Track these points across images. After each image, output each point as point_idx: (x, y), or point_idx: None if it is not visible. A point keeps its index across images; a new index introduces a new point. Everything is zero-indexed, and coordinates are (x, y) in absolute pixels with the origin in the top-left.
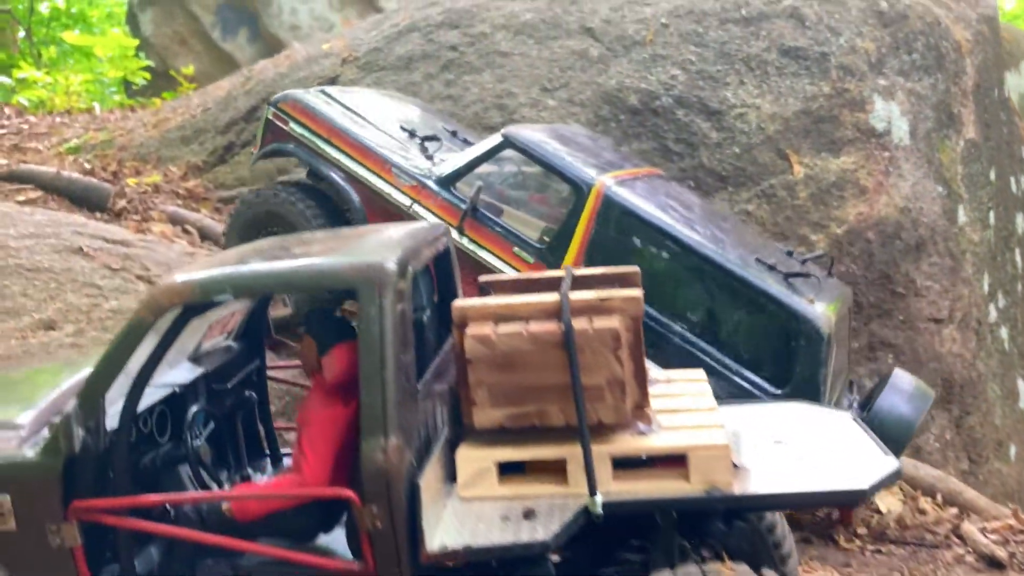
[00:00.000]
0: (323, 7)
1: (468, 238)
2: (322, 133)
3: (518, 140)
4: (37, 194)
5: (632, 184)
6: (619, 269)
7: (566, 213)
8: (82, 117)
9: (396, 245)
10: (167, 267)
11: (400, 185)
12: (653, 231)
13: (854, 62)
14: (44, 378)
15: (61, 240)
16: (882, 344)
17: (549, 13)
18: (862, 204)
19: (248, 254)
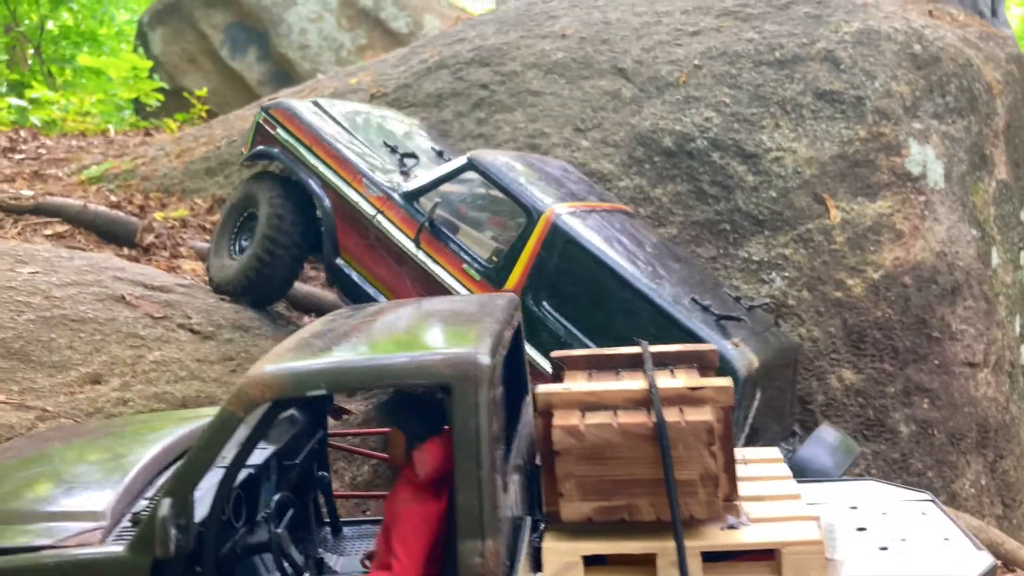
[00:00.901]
0: (332, 27)
1: (423, 251)
2: (304, 140)
3: (480, 163)
4: (64, 228)
5: (584, 216)
6: (696, 347)
7: (517, 236)
8: (97, 140)
9: (484, 332)
10: (207, 315)
11: (368, 195)
12: (592, 262)
13: (889, 106)
14: (104, 454)
15: (103, 288)
16: (917, 389)
17: (580, 52)
18: (899, 249)
19: (329, 340)
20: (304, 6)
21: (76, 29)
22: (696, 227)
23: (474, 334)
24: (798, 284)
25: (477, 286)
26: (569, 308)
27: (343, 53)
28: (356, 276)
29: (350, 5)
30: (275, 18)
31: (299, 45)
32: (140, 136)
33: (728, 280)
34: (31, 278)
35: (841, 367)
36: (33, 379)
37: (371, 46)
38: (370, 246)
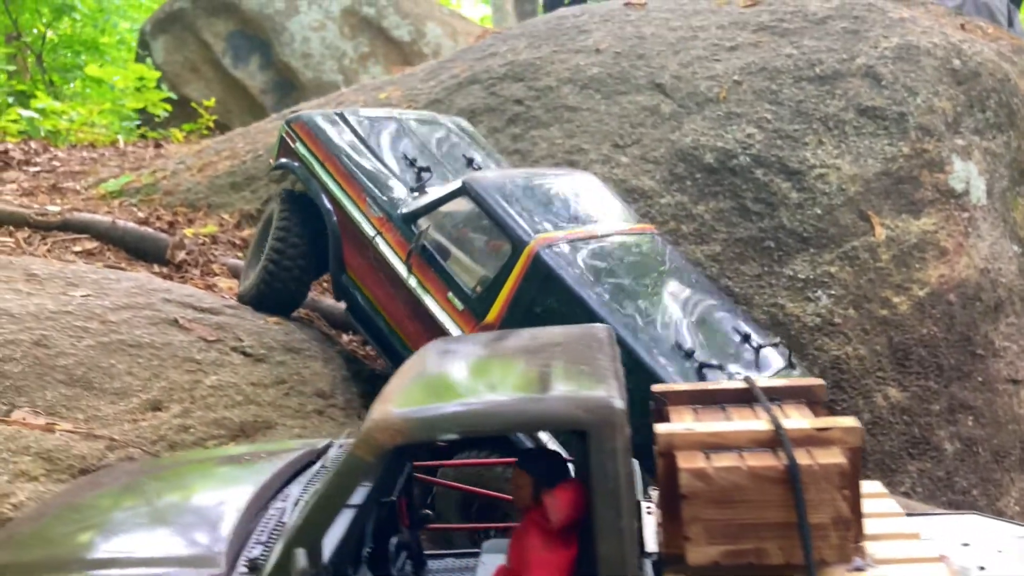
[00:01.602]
0: (334, 36)
1: (414, 277)
2: (318, 155)
3: (473, 188)
4: (93, 245)
5: (576, 246)
6: (804, 382)
7: (501, 266)
8: (108, 151)
9: (605, 371)
10: (258, 337)
11: (370, 215)
12: (569, 299)
13: (932, 122)
14: (199, 491)
15: (156, 311)
16: (962, 407)
17: (616, 68)
18: (943, 266)
19: (448, 380)
20: (307, 15)
21: (77, 38)
22: (740, 244)
23: (597, 374)
24: (844, 302)
25: (460, 316)
26: None
27: (345, 61)
28: (360, 296)
29: (352, 14)
30: (277, 27)
31: (302, 53)
32: (151, 147)
33: (773, 298)
34: (85, 302)
35: (887, 385)
36: (97, 407)
37: (373, 54)
38: (371, 266)
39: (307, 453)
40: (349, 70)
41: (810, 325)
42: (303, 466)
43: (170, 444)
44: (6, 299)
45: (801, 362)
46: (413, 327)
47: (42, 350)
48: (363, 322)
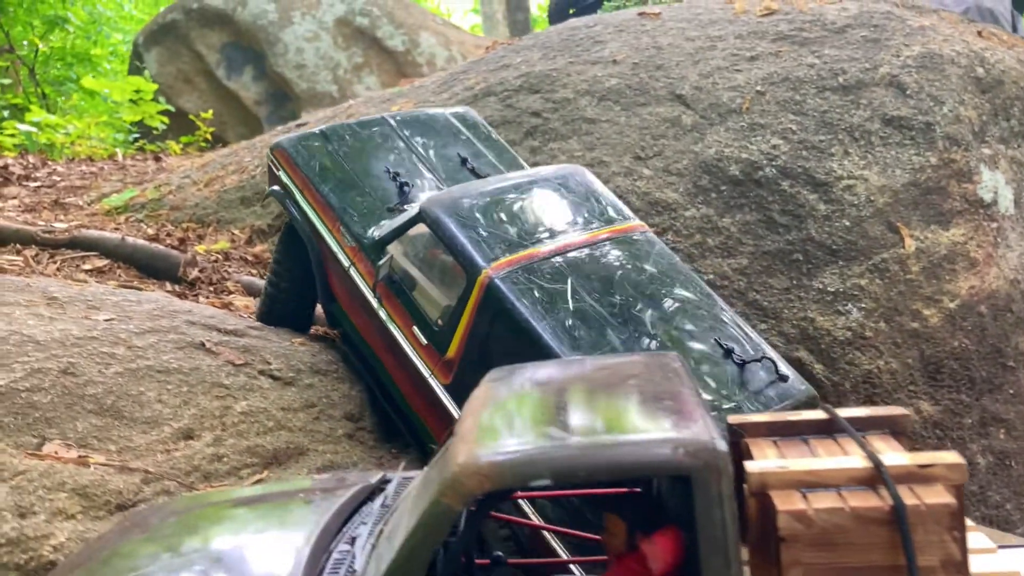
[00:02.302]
0: (328, 46)
1: (383, 308)
2: (297, 183)
3: (428, 215)
4: (103, 262)
5: (534, 268)
6: (887, 411)
7: (458, 297)
8: (107, 165)
9: (695, 407)
10: (285, 359)
11: (344, 245)
12: (521, 332)
13: (959, 131)
14: (256, 533)
15: (181, 335)
16: (994, 419)
17: (635, 79)
18: (973, 277)
19: (529, 418)
20: (300, 25)
21: (69, 50)
22: (768, 257)
23: (686, 410)
24: (875, 315)
25: (424, 351)
26: None
27: (340, 72)
28: (347, 324)
29: (346, 24)
30: (271, 38)
31: (296, 64)
32: (150, 160)
33: (803, 312)
34: (110, 326)
35: (919, 399)
36: (129, 437)
37: (367, 64)
38: (349, 294)
39: (362, 489)
40: (343, 80)
41: (841, 339)
42: (360, 503)
43: (204, 475)
44: (30, 325)
45: (793, 371)
46: (388, 358)
47: (70, 379)
48: (354, 351)
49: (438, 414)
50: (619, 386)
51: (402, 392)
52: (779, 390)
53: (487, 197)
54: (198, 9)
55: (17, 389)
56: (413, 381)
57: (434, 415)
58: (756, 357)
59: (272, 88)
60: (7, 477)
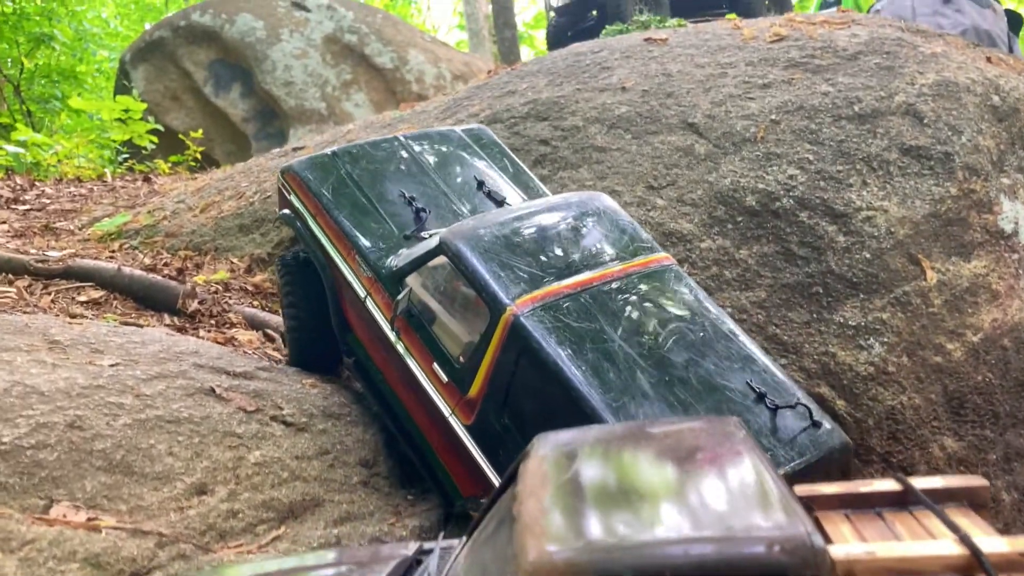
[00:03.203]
0: (317, 64)
1: (401, 343)
2: (310, 208)
3: (449, 247)
4: (99, 294)
5: (561, 305)
6: (965, 481)
7: (481, 334)
8: (96, 186)
9: (777, 490)
10: (297, 404)
11: (360, 275)
12: (548, 375)
13: (978, 161)
14: None
15: (189, 380)
16: (1018, 455)
17: (645, 107)
18: (996, 310)
19: (595, 502)
20: (288, 43)
21: (55, 67)
22: (786, 290)
23: (772, 497)
24: (897, 350)
25: (445, 389)
26: (527, 426)
27: (328, 89)
28: (362, 354)
29: (335, 41)
30: (259, 55)
31: (284, 81)
32: (140, 181)
33: (824, 347)
34: (116, 373)
35: (943, 435)
36: (140, 495)
37: (356, 82)
38: (366, 327)
39: (400, 564)
40: (331, 97)
41: (863, 375)
42: None
43: (220, 533)
44: (33, 374)
45: (827, 417)
46: (407, 394)
47: (77, 433)
48: (366, 381)
49: (459, 455)
50: (688, 462)
51: (420, 429)
52: (813, 437)
53: (508, 227)
54: (185, 26)
55: (22, 446)
56: (433, 419)
57: (454, 456)
58: (790, 403)
59: (260, 105)
60: (15, 547)
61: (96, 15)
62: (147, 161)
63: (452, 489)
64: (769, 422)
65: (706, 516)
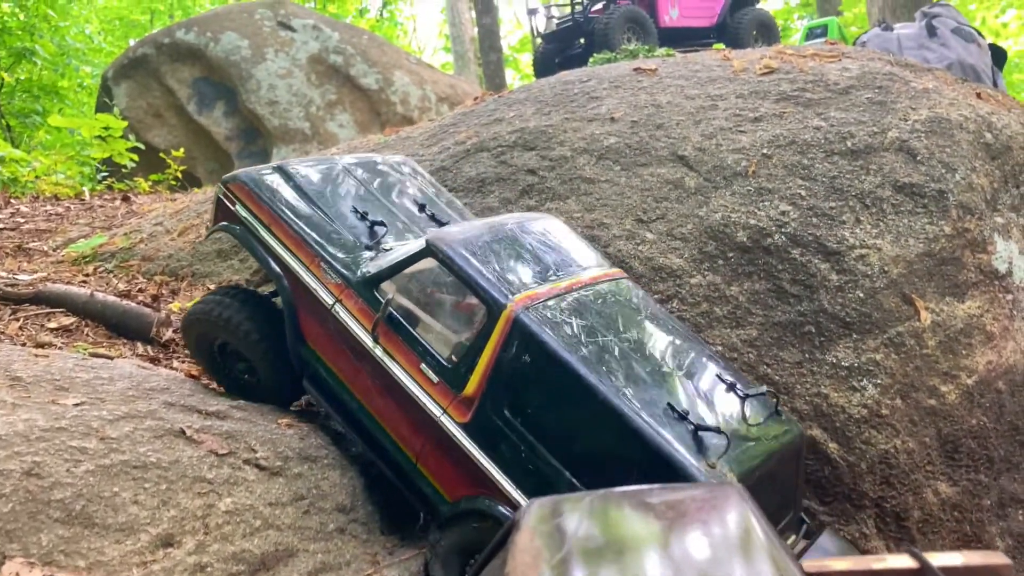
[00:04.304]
0: (301, 83)
1: (381, 347)
2: (263, 218)
3: (438, 249)
4: (70, 320)
5: (555, 304)
6: (983, 558)
7: (477, 333)
8: (73, 205)
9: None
10: (272, 445)
11: (327, 282)
12: (553, 365)
13: (972, 199)
14: None
15: (158, 420)
16: (1012, 500)
17: (634, 138)
18: (990, 352)
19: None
20: (273, 62)
21: (37, 82)
22: (778, 329)
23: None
24: (891, 392)
25: (435, 389)
26: (531, 418)
27: (312, 109)
28: (322, 369)
29: (320, 61)
30: (244, 74)
31: (268, 101)
32: (119, 199)
33: (816, 388)
34: (80, 414)
35: (937, 480)
36: (101, 548)
37: (340, 102)
38: (330, 336)
39: None
40: (316, 117)
41: (856, 417)
42: None
43: None
44: None
45: (786, 411)
46: (384, 403)
47: (35, 481)
48: (327, 396)
49: (450, 456)
50: (699, 541)
51: (396, 439)
52: (779, 423)
53: (487, 236)
54: (170, 44)
55: None
56: (416, 424)
57: (443, 458)
58: (759, 391)
59: (243, 124)
60: None
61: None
62: (127, 179)
63: (436, 496)
64: (740, 409)
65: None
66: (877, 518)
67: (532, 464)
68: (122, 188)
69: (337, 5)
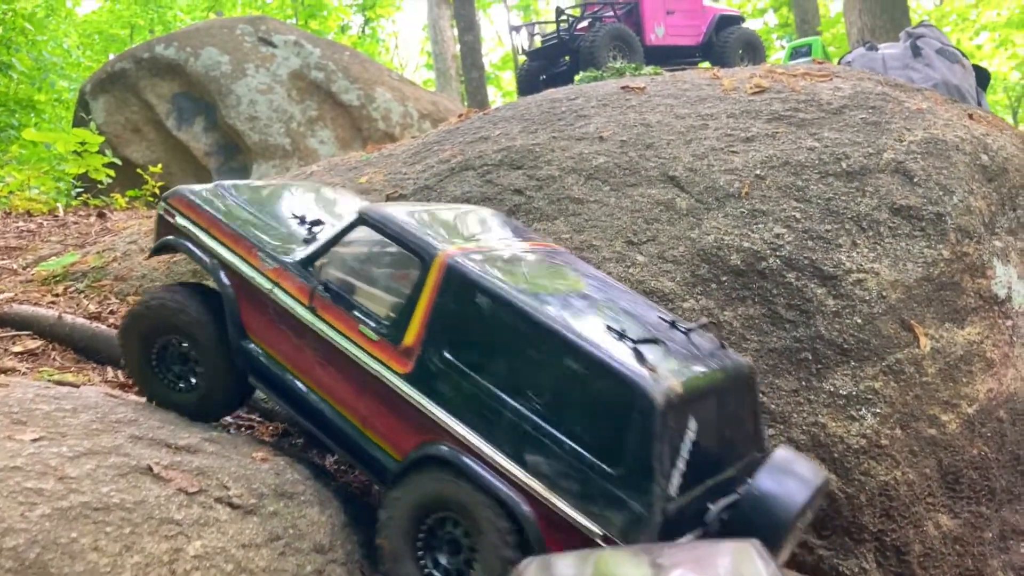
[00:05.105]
0: (282, 99)
1: (319, 318)
2: (202, 224)
3: (371, 216)
4: (36, 344)
5: (485, 255)
6: None
7: (412, 286)
8: (46, 221)
9: None
10: (246, 482)
11: (264, 269)
12: (490, 298)
13: (971, 223)
14: None
15: (124, 456)
16: (1014, 532)
17: (624, 158)
18: (991, 379)
19: None
20: (254, 77)
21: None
22: (774, 355)
23: None
24: (890, 421)
25: (376, 347)
26: (471, 355)
27: (293, 125)
28: (263, 356)
29: (301, 77)
30: (224, 89)
31: (248, 116)
32: (93, 216)
33: (813, 417)
34: (38, 451)
35: (937, 512)
36: None
37: (322, 118)
38: (271, 321)
39: None
40: (296, 133)
41: (855, 447)
42: None
43: None
44: None
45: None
46: (326, 374)
47: None
48: (270, 383)
49: (394, 410)
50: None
51: (341, 410)
52: (726, 355)
53: (419, 209)
54: (149, 59)
55: None
56: (359, 386)
57: (388, 414)
58: (701, 324)
59: (223, 140)
60: None
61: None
62: (104, 195)
63: (386, 458)
64: (686, 342)
65: None
66: (877, 552)
67: (476, 399)
68: (98, 204)
69: (319, 21)
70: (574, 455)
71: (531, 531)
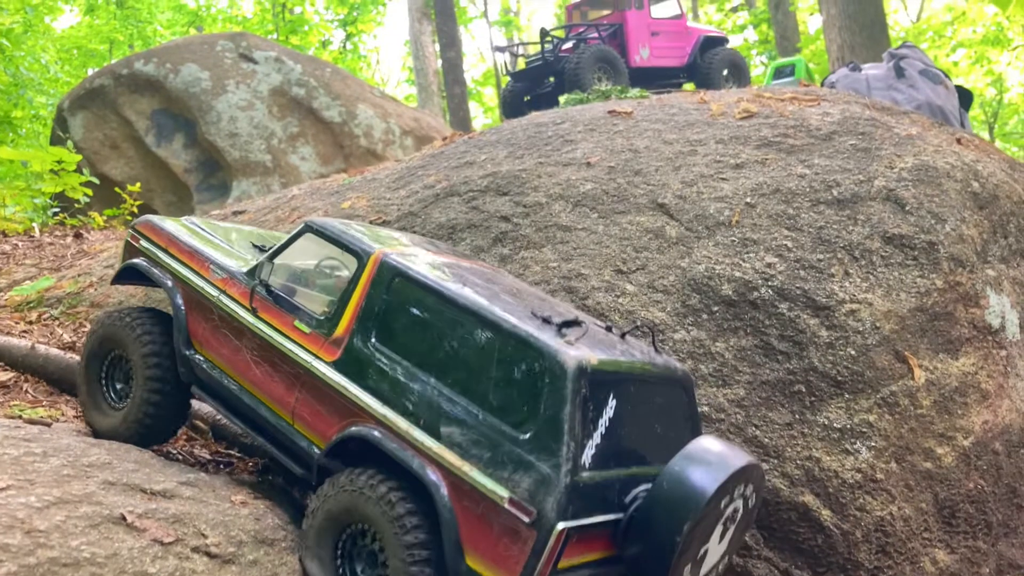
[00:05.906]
0: (263, 116)
1: (259, 318)
2: (161, 244)
3: (315, 224)
4: (8, 375)
5: (418, 254)
6: None
7: (347, 282)
8: (21, 243)
9: None
10: (224, 529)
11: (213, 279)
12: (419, 288)
13: (963, 251)
14: None
15: (95, 505)
16: (1010, 566)
17: (612, 184)
18: (986, 411)
19: None
20: (234, 94)
21: None
22: (767, 388)
23: None
24: (886, 455)
25: (308, 339)
26: (398, 341)
27: (274, 141)
28: (204, 363)
29: (282, 94)
30: (204, 105)
31: (228, 133)
32: (70, 236)
33: (807, 451)
34: (5, 502)
35: (934, 548)
36: None
37: (303, 135)
38: (215, 328)
39: None
40: (277, 150)
41: (850, 482)
42: None
43: None
44: None
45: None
46: (260, 371)
47: None
48: (209, 389)
49: (321, 398)
50: None
51: (273, 407)
52: (660, 356)
53: (360, 224)
54: (128, 75)
55: None
56: (289, 380)
57: (315, 402)
58: (635, 328)
59: (203, 156)
60: None
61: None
62: (81, 214)
63: (310, 446)
64: (618, 340)
65: None
66: None
67: (396, 381)
68: (75, 224)
69: (300, 37)
70: (488, 425)
71: (438, 497)
